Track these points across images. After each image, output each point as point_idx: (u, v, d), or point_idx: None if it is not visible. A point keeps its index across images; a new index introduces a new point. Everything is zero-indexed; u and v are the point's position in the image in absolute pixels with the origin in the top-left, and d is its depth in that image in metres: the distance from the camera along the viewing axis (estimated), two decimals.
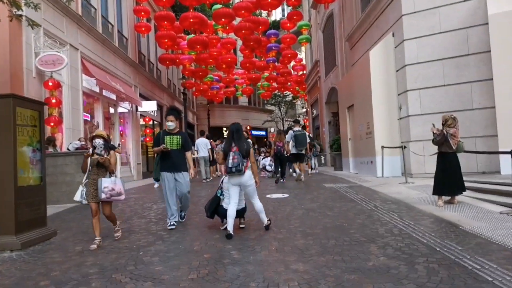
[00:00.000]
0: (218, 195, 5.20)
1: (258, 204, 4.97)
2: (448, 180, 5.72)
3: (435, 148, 6.10)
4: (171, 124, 5.50)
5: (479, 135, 8.86)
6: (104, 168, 4.63)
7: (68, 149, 8.86)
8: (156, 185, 11.45)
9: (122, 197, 4.67)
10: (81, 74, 11.69)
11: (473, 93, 8.98)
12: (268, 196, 8.06)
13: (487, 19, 8.57)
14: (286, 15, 18.27)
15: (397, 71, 10.24)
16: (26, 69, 8.92)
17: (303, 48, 33.42)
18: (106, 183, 4.50)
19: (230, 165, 4.71)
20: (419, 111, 9.50)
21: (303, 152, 11.44)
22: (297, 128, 11.42)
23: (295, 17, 15.55)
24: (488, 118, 8.69)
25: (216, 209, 5.14)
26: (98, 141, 4.60)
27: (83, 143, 9.27)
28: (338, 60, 16.27)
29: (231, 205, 4.78)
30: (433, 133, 5.95)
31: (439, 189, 5.82)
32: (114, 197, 4.59)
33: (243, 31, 14.94)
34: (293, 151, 11.08)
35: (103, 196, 4.49)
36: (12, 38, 8.66)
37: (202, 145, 13.30)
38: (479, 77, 8.91)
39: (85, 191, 4.56)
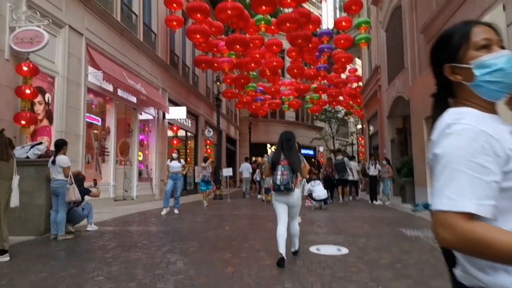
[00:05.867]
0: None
1: (296, 227, 4.43)
2: None
3: None
4: None
5: None
6: None
7: (27, 156, 6.43)
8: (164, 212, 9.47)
9: None
10: (86, 66, 9.57)
11: None
12: (314, 249, 4.87)
13: None
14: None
15: None
16: None
17: (358, 60, 30.14)
18: None
19: (278, 182, 4.03)
20: None
21: (345, 177, 13.44)
22: (339, 157, 14.02)
23: (353, 7, 12.58)
24: None
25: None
26: None
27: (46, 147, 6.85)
28: (409, 60, 12.92)
29: (280, 225, 4.12)
30: None
31: None
32: None
33: (288, 24, 12.24)
34: (337, 177, 13.45)
35: None
36: None
37: (245, 168, 16.53)
38: None
39: None
